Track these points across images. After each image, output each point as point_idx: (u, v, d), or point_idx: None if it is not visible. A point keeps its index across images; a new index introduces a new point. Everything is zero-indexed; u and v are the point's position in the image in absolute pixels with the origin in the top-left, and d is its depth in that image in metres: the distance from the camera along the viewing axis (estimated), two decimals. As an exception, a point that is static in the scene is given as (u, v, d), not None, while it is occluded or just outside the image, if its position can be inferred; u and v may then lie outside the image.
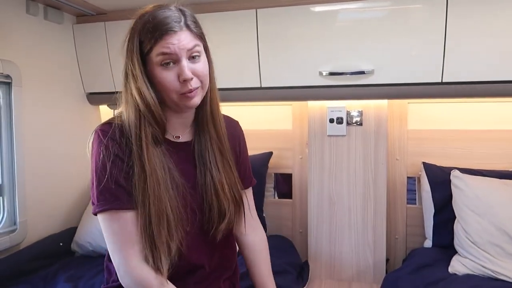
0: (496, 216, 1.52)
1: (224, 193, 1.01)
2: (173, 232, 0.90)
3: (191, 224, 0.97)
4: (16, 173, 1.73)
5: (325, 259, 1.94)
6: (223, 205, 1.00)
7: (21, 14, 1.78)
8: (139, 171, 0.90)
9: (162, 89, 0.91)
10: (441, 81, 1.63)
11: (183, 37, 0.89)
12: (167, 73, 0.89)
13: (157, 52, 0.88)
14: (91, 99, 2.17)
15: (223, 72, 1.11)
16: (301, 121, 2.07)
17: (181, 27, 0.89)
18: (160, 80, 0.90)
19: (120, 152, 0.91)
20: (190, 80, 0.89)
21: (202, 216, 1.00)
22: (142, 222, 0.89)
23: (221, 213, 1.00)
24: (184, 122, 1.02)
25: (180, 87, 0.90)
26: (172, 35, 0.87)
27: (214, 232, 1.00)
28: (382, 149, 1.85)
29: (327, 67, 1.75)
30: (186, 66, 0.88)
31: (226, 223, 1.01)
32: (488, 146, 1.84)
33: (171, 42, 0.87)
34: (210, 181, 1.00)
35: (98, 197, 0.90)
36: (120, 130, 0.93)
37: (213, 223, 1.00)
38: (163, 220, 0.89)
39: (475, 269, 1.49)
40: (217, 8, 1.82)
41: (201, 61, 0.92)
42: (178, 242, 0.92)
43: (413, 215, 1.97)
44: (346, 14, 1.71)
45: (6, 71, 1.67)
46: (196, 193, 1.00)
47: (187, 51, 0.89)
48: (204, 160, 1.01)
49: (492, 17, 1.54)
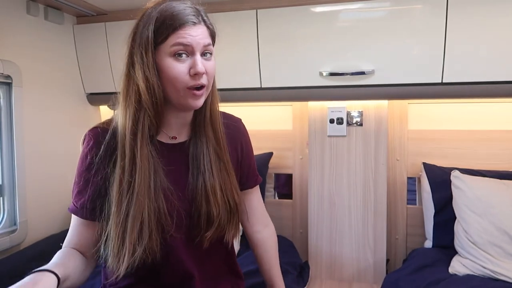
0: (496, 217, 1.52)
1: (216, 199, 0.95)
2: (144, 236, 0.86)
3: (177, 229, 0.92)
4: (16, 173, 1.73)
5: (325, 259, 1.95)
6: (213, 211, 0.94)
7: (21, 15, 1.79)
8: (124, 173, 0.87)
9: (169, 82, 0.86)
10: (441, 81, 1.63)
11: (201, 31, 0.87)
12: (179, 64, 0.85)
13: (173, 42, 0.85)
14: (91, 99, 2.17)
15: (223, 73, 1.10)
16: (302, 121, 2.07)
17: (199, 21, 0.88)
18: (169, 71, 0.85)
19: (102, 159, 0.89)
20: (201, 75, 0.86)
21: (191, 221, 0.95)
22: (117, 219, 0.87)
23: (209, 219, 0.95)
24: (182, 123, 0.98)
25: (189, 80, 0.86)
26: (192, 26, 0.86)
27: (201, 239, 0.95)
28: (382, 149, 1.85)
29: (327, 67, 1.75)
30: (199, 59, 0.86)
31: (214, 230, 0.95)
32: (488, 146, 1.84)
33: (190, 33, 0.85)
34: (202, 185, 0.95)
35: (73, 198, 0.94)
36: (110, 134, 0.91)
37: (200, 229, 0.95)
38: (136, 222, 0.86)
39: (475, 270, 1.49)
40: (218, 9, 1.82)
41: (212, 61, 0.91)
42: (149, 247, 0.87)
43: (413, 215, 1.97)
44: (346, 14, 1.71)
45: (6, 72, 1.67)
46: (185, 197, 0.95)
47: (203, 46, 0.87)
48: (198, 163, 0.96)
49: (492, 17, 1.54)
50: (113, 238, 0.87)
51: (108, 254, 0.88)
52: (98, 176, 0.90)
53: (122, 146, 0.88)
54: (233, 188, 0.99)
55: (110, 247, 0.88)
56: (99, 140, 0.90)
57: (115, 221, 0.87)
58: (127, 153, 0.87)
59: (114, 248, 0.87)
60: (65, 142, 2.01)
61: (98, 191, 0.90)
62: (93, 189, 0.90)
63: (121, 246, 0.86)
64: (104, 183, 0.89)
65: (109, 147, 0.90)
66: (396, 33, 1.66)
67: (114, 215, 0.87)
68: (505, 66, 1.56)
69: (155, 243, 0.88)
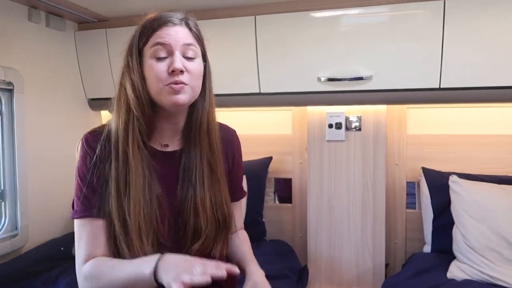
0: (494, 221, 1.52)
1: (205, 212, 0.93)
2: (135, 242, 0.86)
3: (167, 237, 0.91)
4: (17, 178, 1.75)
5: (324, 264, 1.95)
6: (200, 225, 0.92)
7: (23, 22, 1.81)
8: (118, 175, 0.89)
9: (152, 82, 0.88)
10: (439, 86, 1.63)
11: (181, 32, 0.89)
12: (158, 64, 0.87)
13: (152, 43, 0.87)
14: (92, 105, 2.19)
15: (222, 78, 1.10)
16: (301, 126, 2.08)
17: (180, 22, 0.89)
18: (150, 72, 0.88)
19: (100, 161, 0.90)
20: (179, 72, 0.87)
21: (178, 231, 0.94)
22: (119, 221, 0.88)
23: (196, 232, 0.93)
24: (174, 129, 0.97)
25: (167, 78, 0.87)
26: (171, 27, 0.88)
27: (187, 251, 0.92)
28: (381, 154, 1.85)
29: (325, 72, 1.76)
30: (178, 57, 0.87)
31: (201, 244, 0.93)
32: (487, 151, 1.84)
33: (168, 33, 0.87)
34: (192, 197, 0.93)
35: (76, 204, 0.92)
36: (104, 137, 0.92)
37: (186, 242, 0.93)
38: (127, 228, 0.87)
39: (473, 275, 1.49)
40: (216, 15, 1.84)
41: (195, 62, 0.91)
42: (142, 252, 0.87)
43: (413, 219, 1.97)
44: (344, 20, 1.72)
45: (8, 78, 1.69)
46: (172, 208, 0.94)
47: (183, 45, 0.88)
48: (189, 174, 0.95)
49: (489, 23, 1.54)
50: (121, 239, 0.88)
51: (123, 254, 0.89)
52: (99, 177, 0.90)
53: (116, 148, 0.90)
54: (223, 202, 0.98)
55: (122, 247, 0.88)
56: (95, 144, 0.92)
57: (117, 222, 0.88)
58: (120, 155, 0.89)
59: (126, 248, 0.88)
60: (67, 147, 2.01)
61: (100, 190, 0.90)
62: (97, 189, 0.90)
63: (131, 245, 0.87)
64: (104, 183, 0.90)
65: (104, 150, 0.91)
66: (394, 39, 1.66)
67: (115, 216, 0.88)
68: (502, 71, 1.56)
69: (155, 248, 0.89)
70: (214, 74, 1.00)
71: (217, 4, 1.83)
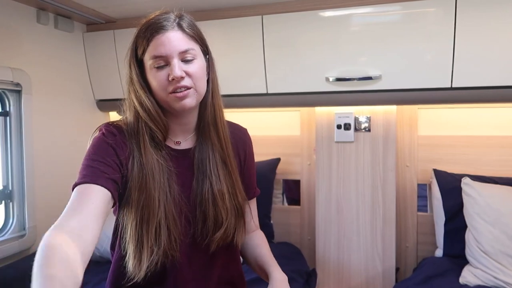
0: (508, 225, 1.48)
1: (224, 203, 0.97)
2: (163, 238, 0.88)
3: (185, 234, 0.95)
4: (25, 179, 1.76)
5: (333, 267, 1.92)
6: (221, 215, 0.96)
7: (31, 24, 1.82)
8: (136, 172, 0.89)
9: (156, 91, 0.91)
10: (451, 86, 1.59)
11: (174, 37, 0.88)
12: (159, 73, 0.89)
13: (150, 56, 0.89)
14: (101, 106, 2.20)
15: (229, 79, 1.11)
16: (310, 127, 2.05)
17: (172, 26, 0.89)
18: (153, 82, 0.90)
19: (117, 147, 0.90)
20: (180, 79, 0.88)
21: (195, 228, 0.97)
22: (133, 222, 0.88)
23: (217, 222, 0.96)
24: (185, 128, 0.99)
25: (168, 86, 0.89)
26: (162, 33, 0.88)
27: (208, 241, 0.96)
28: (391, 155, 1.82)
29: (333, 72, 1.73)
30: (176, 65, 0.88)
31: (222, 233, 0.96)
32: (500, 152, 1.79)
33: (162, 43, 0.87)
34: (209, 190, 0.96)
35: (80, 172, 0.88)
36: (123, 130, 0.94)
37: (207, 232, 0.96)
38: (152, 224, 0.88)
39: (486, 280, 1.45)
40: (223, 15, 1.83)
41: (195, 64, 0.91)
42: (169, 249, 0.89)
43: (424, 222, 1.92)
44: (352, 19, 1.69)
45: (16, 79, 1.70)
46: (190, 203, 0.96)
47: (179, 53, 0.89)
48: (204, 169, 0.97)
49: (501, 22, 1.50)
50: (132, 239, 0.88)
51: (128, 256, 0.89)
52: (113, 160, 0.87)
53: (131, 145, 0.92)
54: (238, 193, 1.01)
55: (129, 249, 0.88)
56: (116, 133, 0.92)
57: (132, 221, 0.88)
58: (135, 153, 0.91)
59: (134, 250, 0.88)
60: (75, 148, 2.03)
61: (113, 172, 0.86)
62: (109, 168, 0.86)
63: (141, 248, 0.88)
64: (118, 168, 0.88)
65: (122, 142, 0.91)
66: (404, 38, 1.63)
67: (130, 214, 0.89)
68: (515, 70, 1.52)
69: (174, 244, 0.90)
70: (221, 75, 1.01)
71: (223, 4, 1.82)
